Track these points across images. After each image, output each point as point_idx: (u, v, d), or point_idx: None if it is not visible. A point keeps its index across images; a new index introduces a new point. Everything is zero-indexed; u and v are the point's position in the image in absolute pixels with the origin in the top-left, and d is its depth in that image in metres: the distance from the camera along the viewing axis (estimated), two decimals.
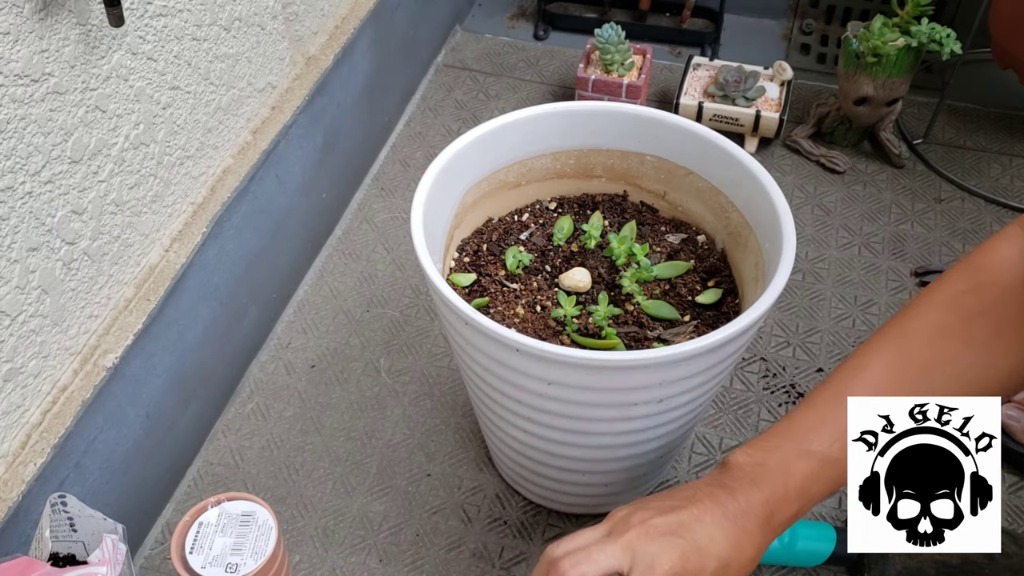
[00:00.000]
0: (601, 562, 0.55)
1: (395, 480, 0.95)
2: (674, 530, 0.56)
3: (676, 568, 0.54)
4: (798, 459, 0.58)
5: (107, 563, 0.65)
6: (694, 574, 0.55)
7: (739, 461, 0.59)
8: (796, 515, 0.59)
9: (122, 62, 0.77)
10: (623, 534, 0.56)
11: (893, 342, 0.61)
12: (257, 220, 1.00)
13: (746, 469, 0.59)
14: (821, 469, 0.58)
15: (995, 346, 0.59)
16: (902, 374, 0.60)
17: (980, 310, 0.59)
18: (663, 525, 0.56)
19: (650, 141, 0.85)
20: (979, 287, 0.60)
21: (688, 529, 0.56)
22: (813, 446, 0.58)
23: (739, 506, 0.57)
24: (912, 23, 1.16)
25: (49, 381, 0.76)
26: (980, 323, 0.59)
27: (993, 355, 0.60)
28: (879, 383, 0.60)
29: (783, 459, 0.58)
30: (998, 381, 0.60)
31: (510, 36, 1.53)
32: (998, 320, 0.59)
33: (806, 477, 0.58)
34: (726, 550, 0.56)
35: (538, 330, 0.77)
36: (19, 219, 0.69)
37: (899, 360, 0.60)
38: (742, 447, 0.60)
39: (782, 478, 0.58)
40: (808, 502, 0.59)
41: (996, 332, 0.59)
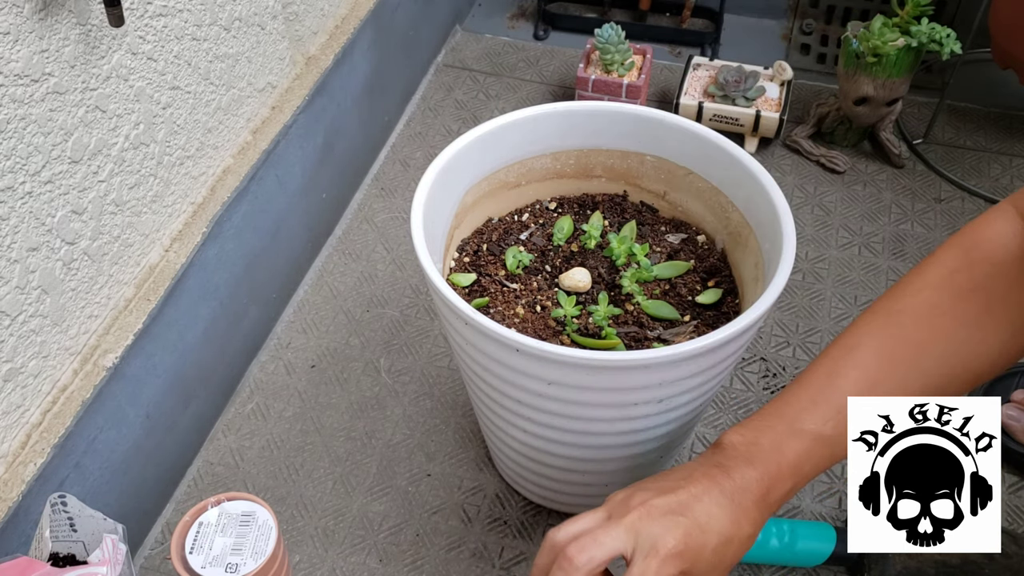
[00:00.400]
0: (607, 545, 0.55)
1: (395, 480, 0.95)
2: (675, 509, 0.56)
3: (680, 546, 0.55)
4: (790, 438, 0.59)
5: (107, 563, 0.65)
6: (696, 551, 0.55)
7: (732, 441, 0.60)
8: (791, 492, 0.59)
9: (122, 62, 0.77)
10: (624, 516, 0.56)
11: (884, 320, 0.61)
12: (257, 220, 1.00)
13: (740, 448, 0.59)
14: (814, 447, 0.59)
15: (986, 322, 0.60)
16: (893, 353, 0.60)
17: (971, 287, 0.60)
18: (663, 505, 0.56)
19: (650, 141, 0.85)
20: (971, 264, 0.60)
21: (688, 508, 0.56)
22: (806, 425, 0.59)
23: (735, 484, 0.57)
24: (912, 23, 1.16)
25: (49, 381, 0.76)
26: (971, 300, 0.59)
27: (984, 332, 0.60)
28: (870, 363, 0.60)
29: (776, 438, 0.59)
30: (988, 357, 0.60)
31: (510, 36, 1.53)
32: (988, 296, 0.59)
33: (799, 456, 0.58)
34: (726, 527, 0.56)
35: (538, 330, 0.77)
36: (19, 219, 0.69)
37: (890, 339, 0.60)
38: (735, 427, 0.61)
39: (775, 457, 0.58)
40: (802, 479, 0.59)
41: (986, 308, 0.59)
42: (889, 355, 0.60)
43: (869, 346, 0.60)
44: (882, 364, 0.60)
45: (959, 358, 0.60)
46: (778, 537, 0.84)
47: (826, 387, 0.60)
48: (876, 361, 0.60)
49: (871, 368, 0.60)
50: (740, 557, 0.58)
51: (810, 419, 0.59)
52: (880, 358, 0.60)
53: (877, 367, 0.59)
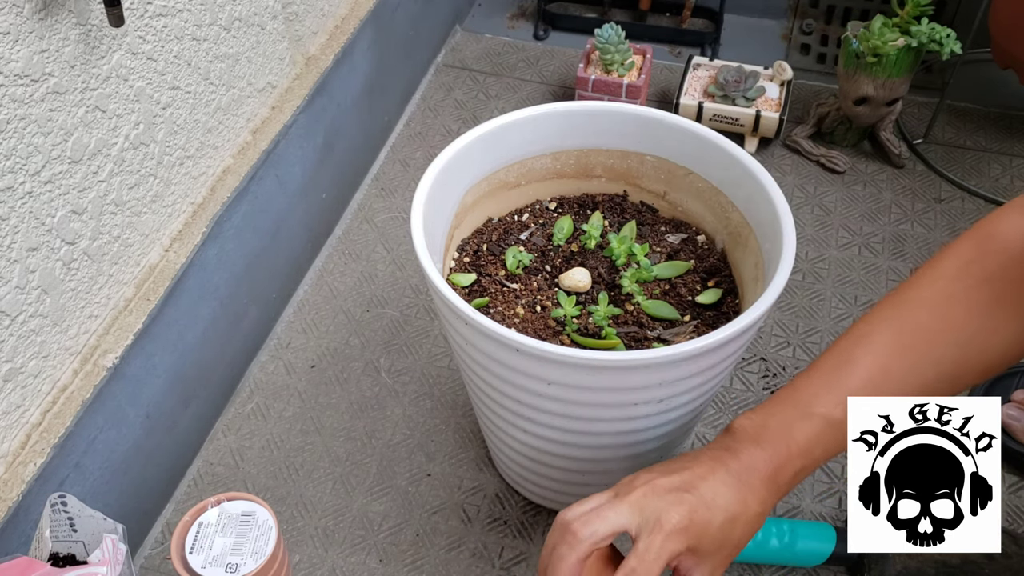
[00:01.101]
0: (611, 519, 0.55)
1: (395, 480, 0.95)
2: (679, 487, 0.56)
3: (684, 521, 0.55)
4: (800, 420, 0.59)
5: (107, 563, 0.65)
6: (702, 527, 0.55)
7: (742, 424, 0.60)
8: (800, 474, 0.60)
9: (122, 62, 0.77)
10: (629, 494, 0.56)
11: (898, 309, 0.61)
12: (257, 220, 1.00)
13: (749, 431, 0.59)
14: (824, 430, 0.59)
15: (997, 313, 0.60)
16: (906, 341, 0.60)
17: (985, 277, 0.60)
18: (669, 483, 0.57)
19: (650, 141, 0.85)
20: (985, 255, 0.60)
21: (693, 486, 0.56)
22: (816, 408, 0.59)
23: (742, 464, 0.58)
24: (912, 23, 1.16)
25: (49, 381, 0.76)
26: (984, 290, 0.60)
27: (997, 322, 0.60)
28: (882, 350, 0.60)
29: (785, 420, 0.59)
30: (1001, 348, 0.60)
31: (510, 36, 1.53)
32: (1001, 287, 0.59)
33: (808, 438, 0.59)
34: (732, 504, 0.56)
35: (538, 330, 0.77)
36: (19, 219, 0.69)
37: (903, 327, 0.60)
38: (745, 412, 0.61)
39: (784, 439, 0.58)
40: (812, 462, 0.60)
41: (998, 299, 0.59)
42: (902, 343, 0.60)
43: (882, 334, 0.60)
44: (894, 352, 0.60)
45: (972, 348, 0.60)
46: (778, 537, 0.84)
47: (838, 373, 0.60)
48: (889, 348, 0.60)
49: (883, 355, 0.60)
50: (748, 537, 0.58)
51: (821, 403, 0.59)
52: (893, 346, 0.60)
53: (889, 355, 0.60)
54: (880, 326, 0.61)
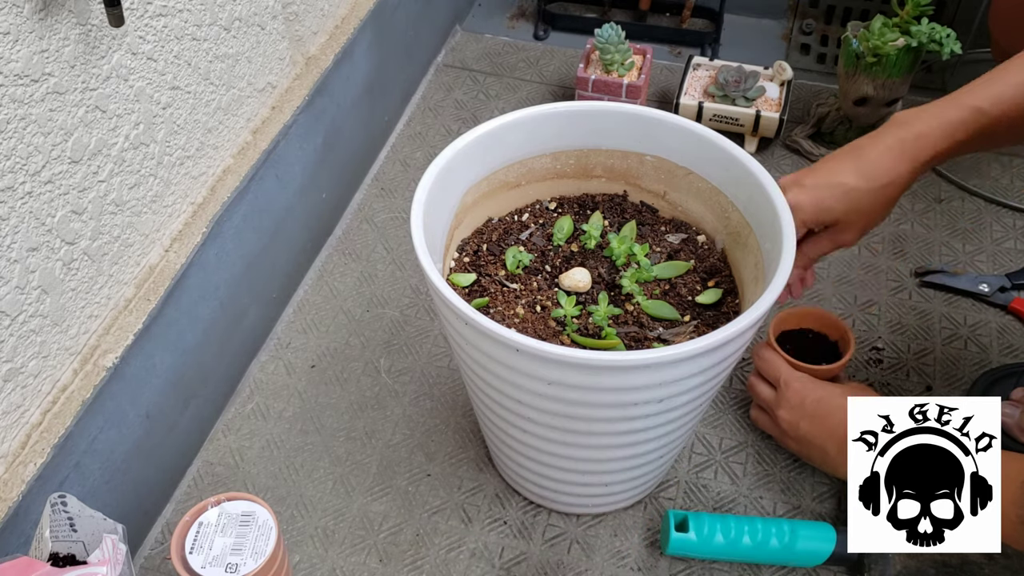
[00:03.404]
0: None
1: (395, 480, 0.95)
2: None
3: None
4: (950, 107, 0.67)
5: (107, 563, 0.65)
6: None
7: (901, 113, 0.69)
8: (941, 154, 0.68)
9: (122, 62, 0.77)
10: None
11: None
12: (257, 220, 1.00)
13: (899, 118, 0.68)
14: (971, 117, 0.66)
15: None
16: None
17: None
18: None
19: (650, 141, 0.85)
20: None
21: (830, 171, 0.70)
22: (968, 100, 0.66)
23: (875, 143, 0.67)
24: (912, 23, 1.16)
25: (49, 381, 0.76)
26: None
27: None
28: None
29: (937, 106, 0.67)
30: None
31: (510, 36, 1.53)
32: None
33: (952, 123, 0.66)
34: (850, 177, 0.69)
35: (538, 330, 0.77)
36: (19, 219, 0.69)
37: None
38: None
39: (927, 120, 0.66)
40: (953, 145, 0.67)
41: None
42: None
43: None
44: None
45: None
46: (778, 537, 0.84)
47: (994, 77, 0.67)
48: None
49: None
50: (882, 208, 0.71)
51: (972, 97, 0.66)
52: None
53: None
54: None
